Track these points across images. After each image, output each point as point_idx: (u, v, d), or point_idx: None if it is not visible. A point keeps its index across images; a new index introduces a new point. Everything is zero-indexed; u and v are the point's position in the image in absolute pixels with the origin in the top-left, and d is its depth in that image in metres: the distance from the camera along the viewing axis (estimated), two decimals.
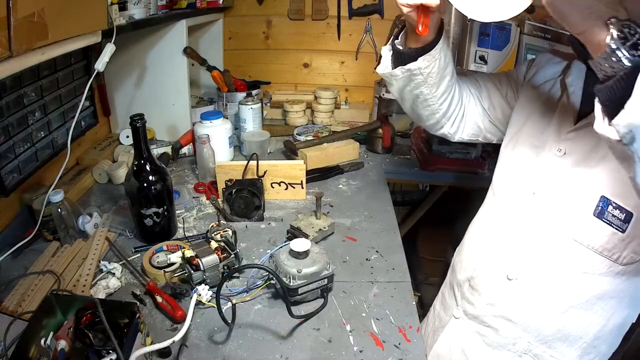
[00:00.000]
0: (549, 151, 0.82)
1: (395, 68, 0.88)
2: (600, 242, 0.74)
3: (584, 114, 0.80)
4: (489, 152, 1.66)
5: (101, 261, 1.01)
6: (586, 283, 0.79)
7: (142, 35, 1.49)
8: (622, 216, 0.70)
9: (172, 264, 0.98)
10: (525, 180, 0.86)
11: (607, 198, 0.72)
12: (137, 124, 0.99)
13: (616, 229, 0.72)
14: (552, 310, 0.82)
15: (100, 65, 1.10)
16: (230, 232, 1.04)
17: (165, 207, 1.09)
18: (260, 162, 1.28)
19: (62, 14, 0.85)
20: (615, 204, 0.71)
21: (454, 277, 1.03)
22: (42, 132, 1.22)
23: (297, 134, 1.74)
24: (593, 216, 0.74)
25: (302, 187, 1.33)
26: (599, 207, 0.73)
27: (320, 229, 1.13)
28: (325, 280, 0.91)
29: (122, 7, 1.15)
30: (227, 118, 1.60)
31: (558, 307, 0.82)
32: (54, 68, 1.24)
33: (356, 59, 2.05)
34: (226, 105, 1.75)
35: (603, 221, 0.73)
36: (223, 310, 0.82)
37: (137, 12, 1.23)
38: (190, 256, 0.93)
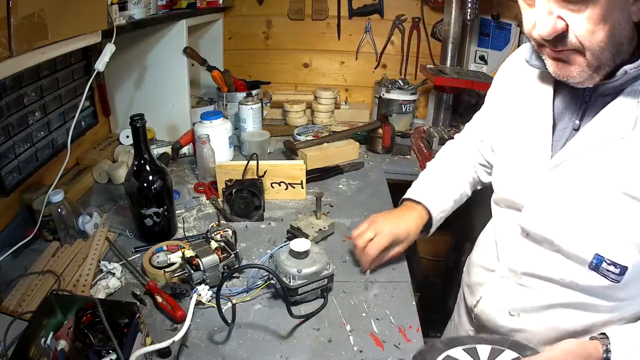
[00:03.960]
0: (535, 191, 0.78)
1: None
2: (597, 288, 0.73)
3: (559, 141, 0.75)
4: None
5: (101, 261, 1.01)
6: (587, 315, 0.77)
7: (142, 35, 1.49)
8: (617, 270, 0.69)
9: (172, 264, 0.98)
10: (515, 216, 0.82)
11: (600, 256, 0.69)
12: (137, 124, 0.99)
13: (612, 281, 0.70)
14: (553, 341, 0.78)
15: (100, 65, 1.10)
16: (230, 232, 1.04)
17: (165, 207, 1.09)
18: (260, 162, 1.28)
19: (62, 14, 0.85)
20: (610, 260, 0.69)
21: (465, 300, 1.02)
22: (42, 132, 1.22)
23: (297, 134, 1.74)
24: (588, 269, 0.71)
25: (302, 187, 1.33)
26: (593, 263, 0.70)
27: (320, 229, 1.12)
28: (325, 280, 0.91)
29: (122, 7, 1.15)
30: (227, 118, 1.60)
31: (561, 337, 0.77)
32: (54, 68, 1.24)
33: (356, 59, 2.05)
34: (226, 105, 1.75)
35: (598, 274, 0.71)
36: (223, 310, 0.82)
37: (137, 12, 1.23)
38: (190, 256, 0.93)
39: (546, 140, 0.76)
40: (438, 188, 1.03)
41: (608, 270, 0.69)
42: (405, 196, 1.05)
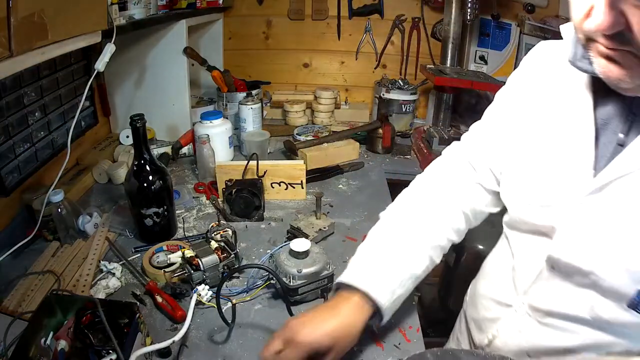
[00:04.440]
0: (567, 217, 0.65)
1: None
2: (630, 327, 0.64)
3: (602, 157, 0.62)
4: None
5: (101, 261, 1.01)
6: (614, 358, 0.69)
7: (142, 35, 1.49)
8: None
9: (172, 264, 0.98)
10: (541, 244, 0.70)
11: None
12: (137, 124, 0.99)
13: None
14: None
15: (100, 65, 1.10)
16: (230, 232, 1.04)
17: (165, 207, 1.09)
18: (260, 162, 1.28)
19: (62, 14, 0.85)
20: None
21: (471, 336, 0.88)
22: (42, 132, 1.22)
23: (297, 134, 1.74)
24: (625, 307, 0.61)
25: (302, 187, 1.33)
26: (636, 300, 0.60)
27: (320, 229, 1.13)
28: (325, 280, 0.91)
29: (122, 7, 1.15)
30: (227, 118, 1.60)
31: None
32: (54, 68, 1.24)
33: (356, 59, 2.05)
34: (226, 105, 1.75)
35: (637, 312, 0.61)
36: (223, 310, 0.82)
37: (137, 12, 1.23)
38: (190, 256, 0.93)
39: (588, 157, 0.63)
40: (389, 261, 0.76)
41: None
42: (338, 280, 0.77)
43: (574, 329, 0.68)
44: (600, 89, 0.61)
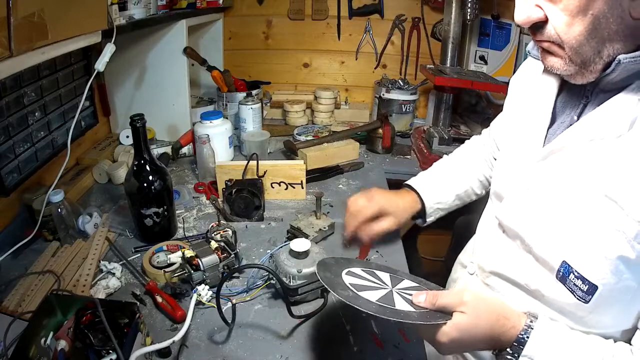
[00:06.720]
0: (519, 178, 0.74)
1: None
2: (563, 304, 0.66)
3: (554, 134, 0.70)
4: None
5: (101, 261, 1.01)
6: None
7: (142, 35, 1.49)
8: (585, 287, 0.61)
9: (172, 264, 0.98)
10: (497, 207, 0.80)
11: (568, 264, 0.62)
12: (137, 124, 0.99)
13: (578, 298, 0.62)
14: None
15: (100, 65, 1.10)
16: (230, 232, 1.04)
17: (165, 207, 1.09)
18: (260, 162, 1.28)
19: (62, 14, 0.85)
20: (578, 273, 0.61)
21: None
22: (42, 132, 1.22)
23: (297, 134, 1.74)
24: (556, 279, 0.65)
25: (302, 187, 1.33)
26: (561, 272, 0.63)
27: (320, 229, 1.12)
28: None
29: (122, 7, 1.15)
30: (227, 118, 1.60)
31: None
32: (54, 68, 1.24)
33: (356, 59, 2.05)
34: (226, 105, 1.75)
35: (565, 287, 0.64)
36: (223, 310, 0.82)
37: (137, 12, 1.23)
38: (190, 256, 0.93)
39: (540, 132, 0.72)
40: (440, 180, 1.03)
41: (575, 285, 0.62)
42: (405, 183, 1.07)
43: (511, 294, 0.74)
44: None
